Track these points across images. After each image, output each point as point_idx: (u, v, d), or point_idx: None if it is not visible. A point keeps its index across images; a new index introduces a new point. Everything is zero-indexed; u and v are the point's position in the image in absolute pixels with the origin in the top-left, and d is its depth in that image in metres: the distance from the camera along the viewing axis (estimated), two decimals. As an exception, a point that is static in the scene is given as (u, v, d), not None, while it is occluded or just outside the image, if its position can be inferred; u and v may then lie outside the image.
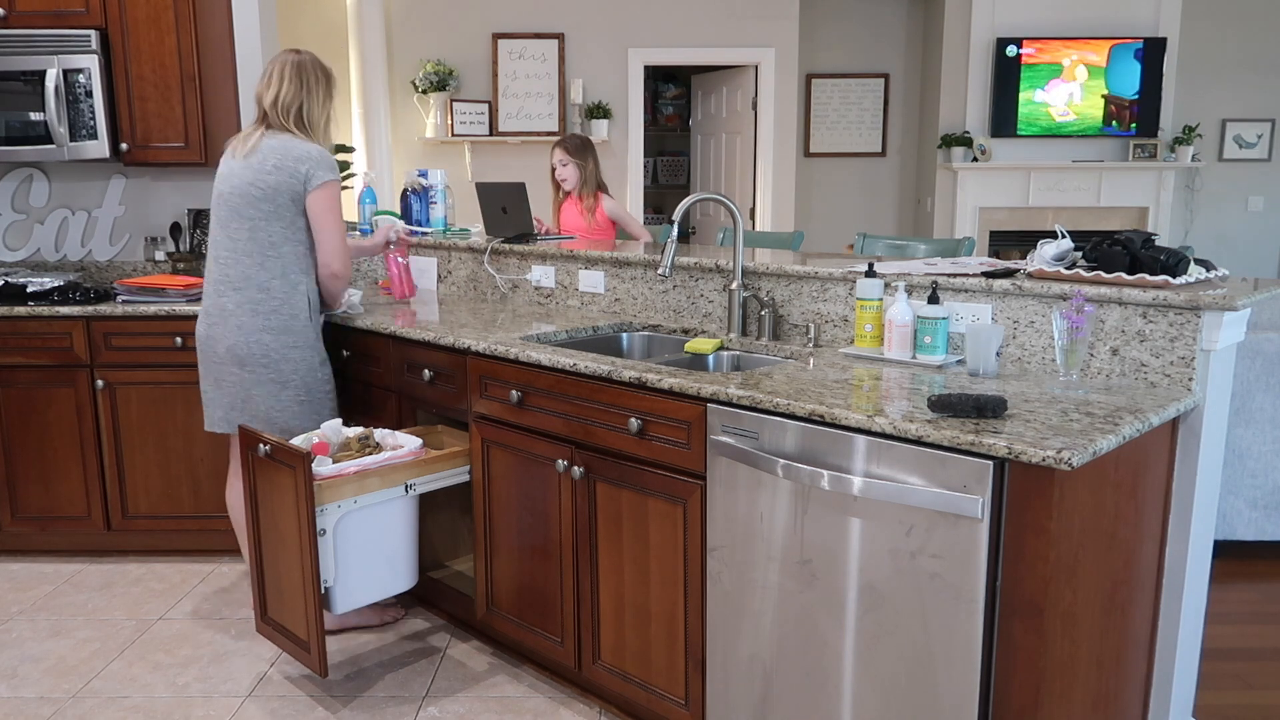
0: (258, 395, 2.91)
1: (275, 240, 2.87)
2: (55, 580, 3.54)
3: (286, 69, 2.88)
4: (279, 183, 2.83)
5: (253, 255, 2.87)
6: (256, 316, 2.86)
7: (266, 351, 2.88)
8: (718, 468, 2.17)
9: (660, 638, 2.39)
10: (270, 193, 2.83)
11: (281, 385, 2.91)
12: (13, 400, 3.57)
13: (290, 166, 2.82)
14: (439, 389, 2.89)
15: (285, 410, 2.93)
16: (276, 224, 2.86)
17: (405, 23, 6.59)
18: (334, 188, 2.89)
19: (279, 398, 2.92)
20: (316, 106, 2.91)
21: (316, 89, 2.91)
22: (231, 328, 2.87)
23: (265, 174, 2.83)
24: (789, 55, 6.85)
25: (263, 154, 2.84)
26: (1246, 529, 3.58)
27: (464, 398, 2.80)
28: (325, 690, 2.77)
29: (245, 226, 2.86)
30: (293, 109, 2.88)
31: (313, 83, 2.90)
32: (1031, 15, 7.04)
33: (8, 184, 4.12)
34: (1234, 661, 2.88)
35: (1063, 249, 2.33)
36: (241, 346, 2.87)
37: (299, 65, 2.89)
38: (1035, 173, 7.23)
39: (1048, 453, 1.63)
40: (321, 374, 2.99)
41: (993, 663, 1.78)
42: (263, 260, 2.87)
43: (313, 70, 2.91)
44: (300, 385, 2.94)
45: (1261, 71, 7.44)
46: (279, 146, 2.84)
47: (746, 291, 2.79)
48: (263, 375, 2.89)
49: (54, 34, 3.65)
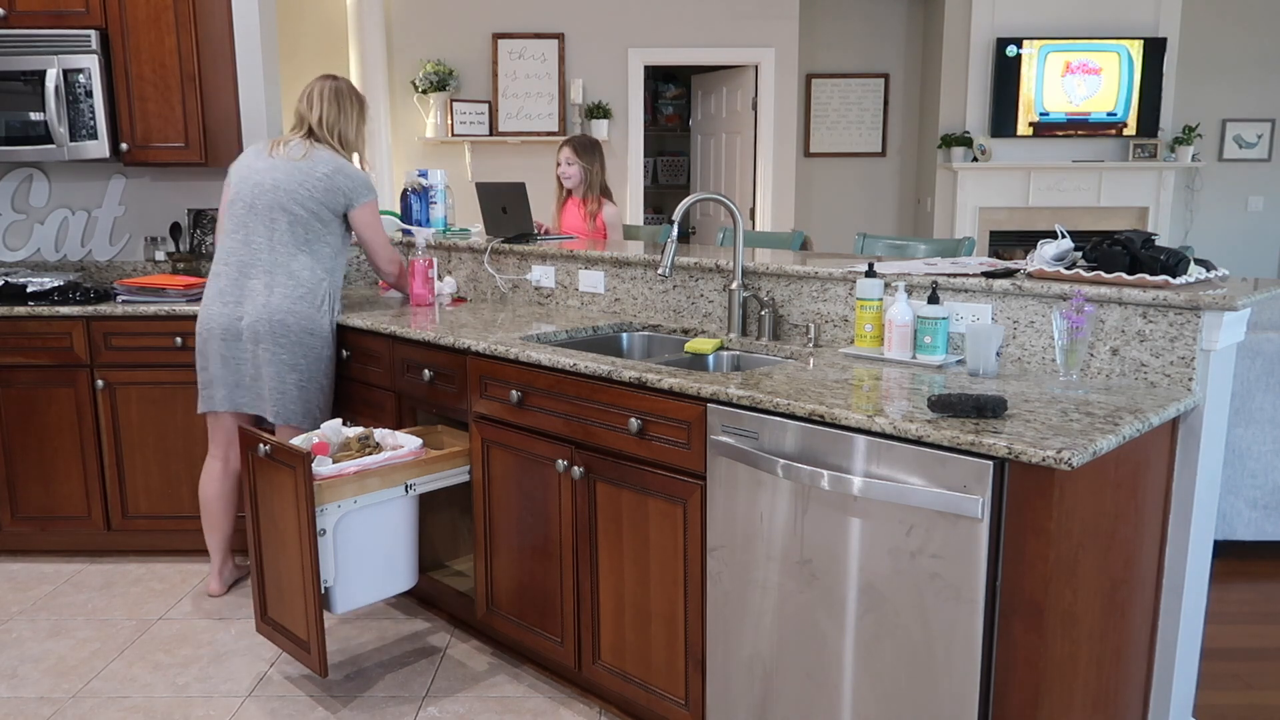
0: (266, 374, 3.07)
1: (311, 237, 3.10)
2: (55, 580, 3.54)
3: (326, 93, 3.16)
4: (330, 188, 3.09)
5: (288, 246, 3.08)
6: (286, 299, 3.06)
7: (287, 330, 3.05)
8: (718, 468, 2.17)
9: (660, 638, 2.39)
10: (321, 194, 3.08)
11: (290, 367, 3.07)
12: (13, 400, 3.57)
13: (341, 182, 3.11)
14: (439, 389, 2.89)
15: (285, 394, 3.08)
16: (316, 223, 3.10)
17: (405, 23, 6.59)
18: (374, 206, 3.22)
19: (284, 379, 3.07)
20: (352, 129, 3.21)
21: (351, 112, 3.20)
22: (258, 305, 3.05)
23: (318, 179, 3.08)
24: (789, 55, 6.85)
25: (314, 161, 3.09)
26: (1246, 529, 3.58)
27: (464, 398, 2.80)
28: (325, 690, 2.77)
29: (285, 219, 3.07)
30: (335, 129, 3.17)
31: (349, 107, 3.20)
32: (1031, 15, 7.04)
33: (8, 184, 4.12)
34: (1234, 661, 2.88)
35: (1063, 249, 2.33)
36: (263, 323, 3.04)
37: (336, 91, 3.18)
38: (1035, 173, 7.23)
39: (1048, 453, 1.63)
40: (326, 367, 3.16)
41: (993, 662, 1.78)
42: (296, 251, 3.09)
43: (349, 95, 3.21)
44: (305, 371, 3.09)
45: (1261, 71, 7.44)
46: (330, 159, 3.12)
47: (746, 291, 2.78)
48: (276, 353, 3.05)
49: (54, 34, 3.65)
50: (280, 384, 3.06)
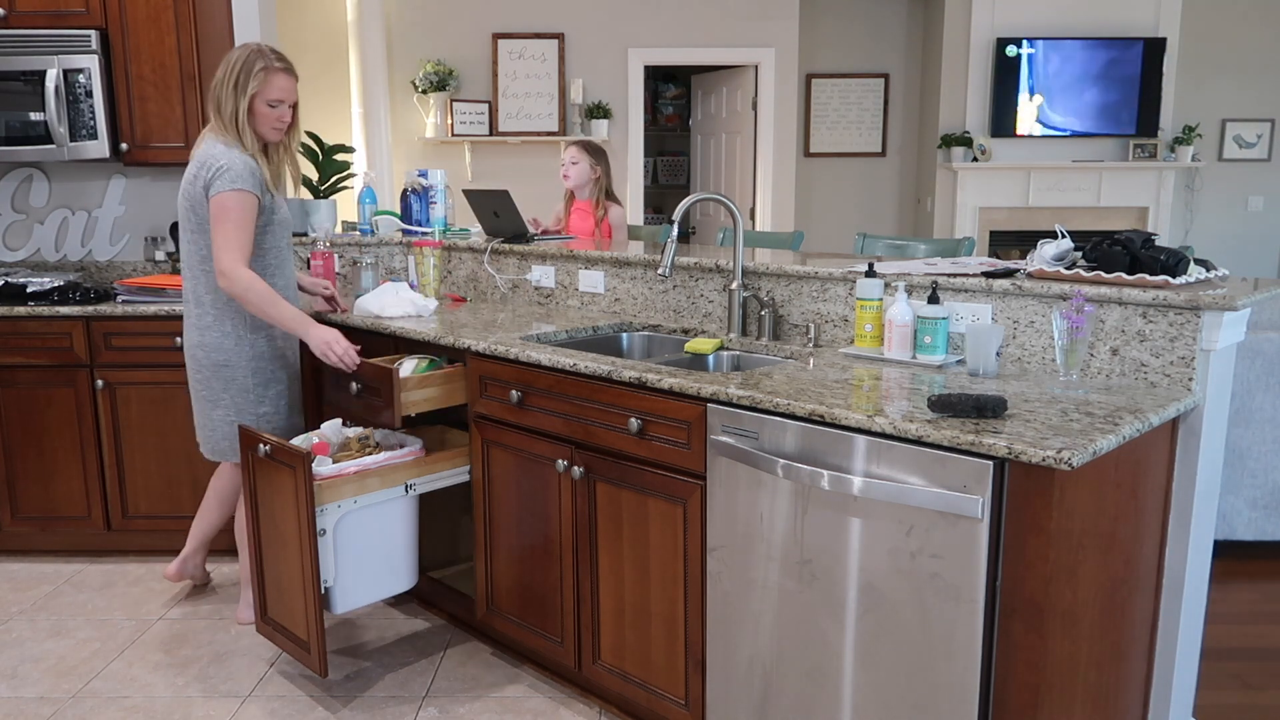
0: (194, 406, 2.95)
1: (205, 254, 2.78)
2: (55, 580, 3.54)
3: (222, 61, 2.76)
4: (196, 193, 2.73)
5: (191, 268, 2.83)
6: (193, 331, 2.86)
7: (199, 366, 2.87)
8: (718, 468, 2.17)
9: (660, 638, 2.39)
10: (193, 204, 2.75)
11: (212, 404, 2.89)
12: (13, 400, 3.57)
13: (203, 169, 2.70)
14: (368, 401, 2.85)
15: (216, 430, 2.91)
16: (203, 237, 2.76)
17: (405, 23, 6.59)
18: (230, 198, 2.66)
19: (210, 415, 2.91)
20: (223, 93, 2.72)
21: (225, 81, 2.72)
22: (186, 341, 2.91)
23: (186, 184, 2.76)
24: (789, 55, 6.85)
25: (195, 156, 2.76)
26: (1246, 529, 3.58)
27: (389, 409, 2.75)
28: (325, 690, 2.77)
29: (186, 239, 2.82)
30: (211, 100, 2.77)
31: (222, 73, 2.74)
32: (1031, 15, 7.04)
33: (8, 184, 4.12)
34: (1234, 661, 2.88)
35: (1063, 249, 2.33)
36: (185, 356, 2.91)
37: (228, 56, 2.75)
38: (1035, 173, 7.23)
39: (1048, 453, 1.63)
40: (254, 396, 2.87)
41: (993, 662, 1.78)
42: (195, 274, 2.82)
43: (226, 61, 2.75)
44: (230, 405, 2.88)
45: (1261, 71, 7.44)
46: (199, 152, 2.75)
47: (746, 291, 2.78)
48: (197, 390, 2.91)
49: (54, 34, 3.65)
50: (206, 419, 2.92)
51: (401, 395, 2.67)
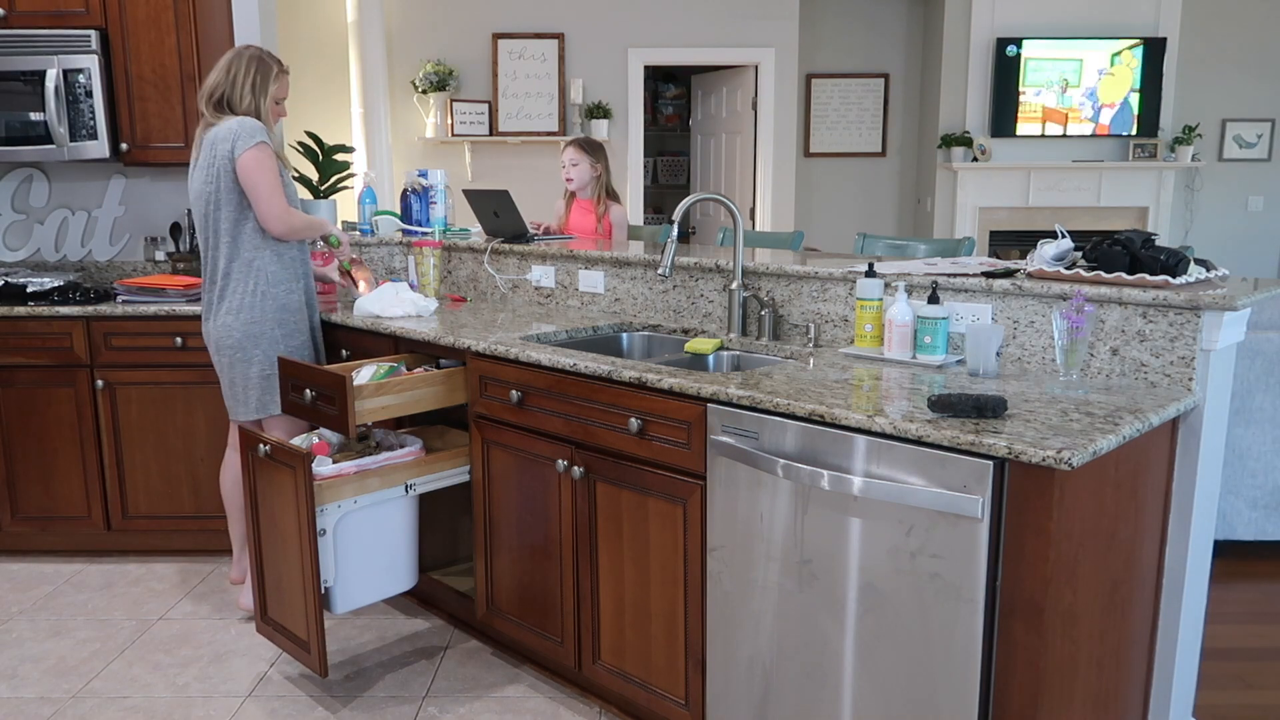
0: (225, 380, 3.04)
1: (235, 218, 2.93)
2: (55, 580, 3.54)
3: (218, 65, 2.95)
4: (220, 162, 2.87)
5: (216, 246, 2.96)
6: (220, 308, 2.99)
7: (229, 332, 2.97)
8: (718, 468, 2.17)
9: (660, 638, 2.39)
10: (220, 173, 2.88)
11: (246, 364, 3.00)
12: (13, 400, 3.57)
13: (223, 141, 2.86)
14: (320, 410, 2.82)
15: (252, 387, 3.01)
16: (230, 204, 2.91)
17: (405, 23, 6.59)
18: (256, 153, 2.86)
19: (246, 375, 3.01)
20: (238, 93, 2.92)
21: (242, 77, 2.91)
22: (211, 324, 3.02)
23: (205, 164, 2.90)
24: (789, 55, 6.85)
25: (199, 150, 2.93)
26: (1246, 529, 3.58)
27: (344, 419, 2.72)
28: (325, 690, 2.77)
29: (210, 215, 2.94)
30: (214, 96, 2.92)
31: (238, 70, 2.92)
32: (1032, 15, 7.04)
33: (8, 184, 4.12)
34: (1234, 661, 2.88)
35: (1063, 249, 2.33)
36: (214, 334, 3.01)
37: (226, 60, 2.94)
38: (1035, 173, 7.23)
39: (1048, 453, 1.63)
40: (283, 346, 3.01)
41: (993, 662, 1.78)
42: (220, 247, 2.96)
43: (238, 58, 2.93)
44: (263, 359, 2.99)
45: (1261, 71, 7.44)
46: (209, 135, 2.91)
47: (746, 291, 2.78)
48: (230, 361, 3.00)
49: (54, 34, 3.65)
50: (244, 381, 3.04)
51: (355, 403, 2.58)
